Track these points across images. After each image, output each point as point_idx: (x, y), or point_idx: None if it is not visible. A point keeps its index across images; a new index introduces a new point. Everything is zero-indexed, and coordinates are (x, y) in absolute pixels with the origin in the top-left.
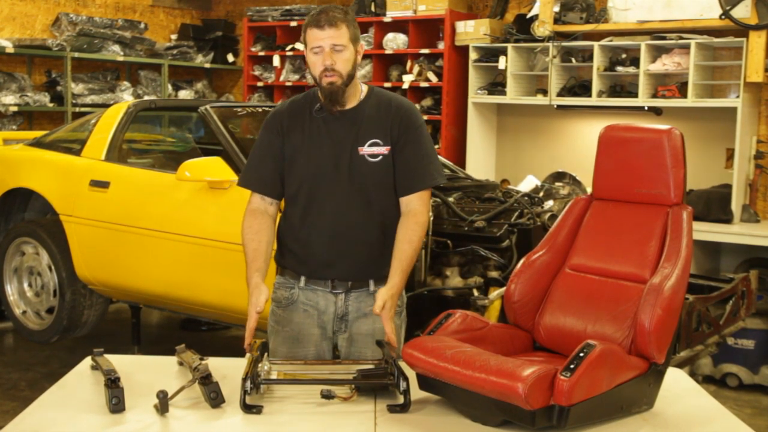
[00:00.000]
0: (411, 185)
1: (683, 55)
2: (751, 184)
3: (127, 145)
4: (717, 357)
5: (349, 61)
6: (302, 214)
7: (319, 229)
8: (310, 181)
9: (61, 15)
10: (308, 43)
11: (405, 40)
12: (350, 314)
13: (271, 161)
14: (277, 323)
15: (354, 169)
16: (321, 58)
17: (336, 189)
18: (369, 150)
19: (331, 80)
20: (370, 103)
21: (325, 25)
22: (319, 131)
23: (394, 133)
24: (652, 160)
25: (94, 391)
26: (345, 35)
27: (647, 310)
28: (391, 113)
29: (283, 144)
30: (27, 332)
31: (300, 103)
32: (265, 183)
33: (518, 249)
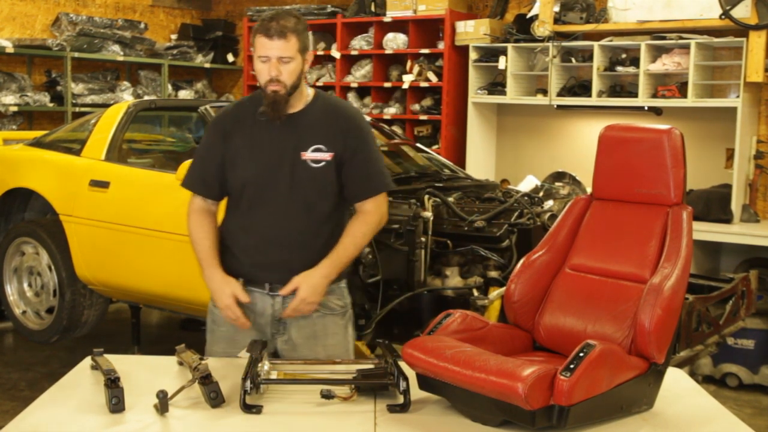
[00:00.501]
0: (364, 192)
1: (683, 55)
2: (751, 184)
3: (127, 145)
4: (717, 357)
5: (294, 72)
6: (242, 217)
7: (259, 233)
8: (251, 184)
9: (61, 15)
10: (256, 50)
11: (405, 40)
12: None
13: (212, 164)
14: (214, 323)
15: (296, 173)
16: (267, 67)
17: (277, 193)
18: (312, 155)
19: (275, 89)
20: (316, 108)
21: (274, 36)
22: (262, 135)
23: (342, 141)
24: (652, 160)
25: (94, 391)
26: (293, 47)
27: (647, 310)
28: (339, 120)
29: (225, 146)
30: (27, 332)
31: (245, 106)
32: (206, 185)
33: (518, 249)
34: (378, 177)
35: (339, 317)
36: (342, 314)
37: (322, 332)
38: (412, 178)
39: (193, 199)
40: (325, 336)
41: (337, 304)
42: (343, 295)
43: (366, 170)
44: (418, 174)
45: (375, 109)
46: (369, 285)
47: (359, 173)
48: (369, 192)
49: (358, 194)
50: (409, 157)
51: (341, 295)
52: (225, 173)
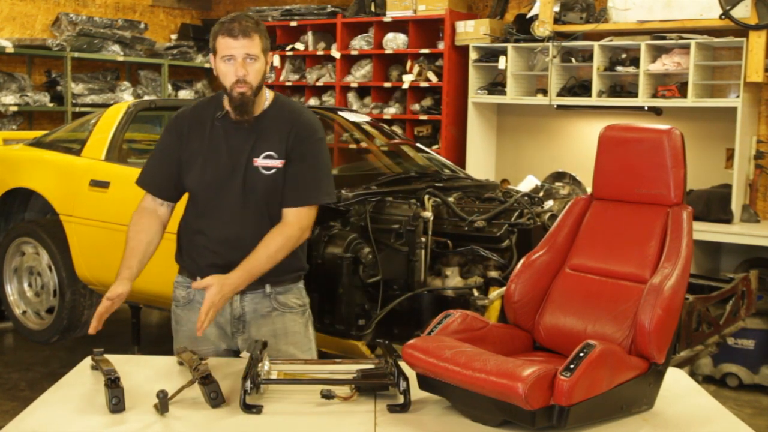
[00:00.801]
0: (289, 200)
1: (683, 55)
2: (751, 184)
3: (127, 145)
4: (717, 357)
5: (260, 72)
6: (197, 219)
7: (212, 236)
8: (206, 188)
9: (61, 15)
10: (219, 52)
11: (405, 40)
12: (247, 315)
13: (167, 164)
14: (177, 322)
15: (248, 180)
16: (233, 68)
17: (230, 198)
18: (263, 162)
19: (242, 91)
20: (271, 113)
21: (239, 35)
22: (218, 139)
23: (288, 146)
24: (652, 160)
25: (94, 391)
26: (258, 46)
27: (647, 310)
28: (292, 127)
29: (181, 148)
30: (27, 332)
31: (204, 108)
32: (158, 185)
33: (518, 249)
34: (308, 189)
35: (298, 316)
36: (301, 313)
37: (282, 330)
38: (412, 178)
39: (144, 197)
40: (285, 334)
41: (296, 302)
42: (301, 295)
43: (299, 179)
44: (418, 174)
45: (375, 109)
46: (369, 285)
47: (292, 180)
48: (294, 201)
49: (285, 201)
50: (409, 157)
51: (299, 294)
52: (181, 175)
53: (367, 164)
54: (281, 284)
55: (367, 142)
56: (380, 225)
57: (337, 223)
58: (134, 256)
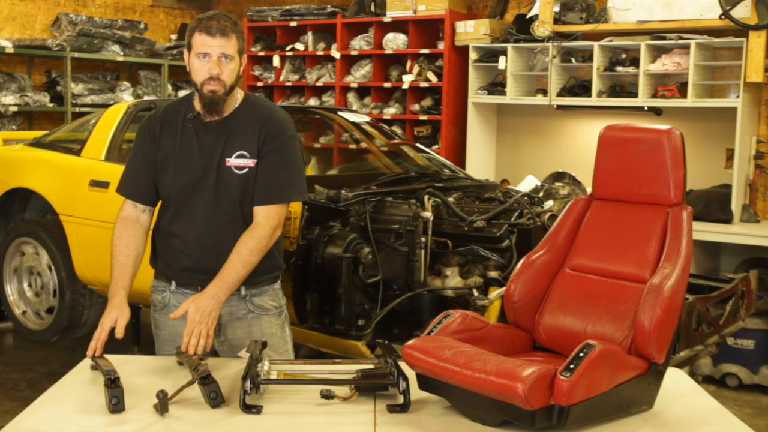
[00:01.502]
0: (262, 197)
1: (683, 55)
2: (751, 184)
3: (127, 145)
4: (717, 357)
5: (234, 72)
6: (171, 221)
7: (186, 238)
8: (179, 190)
9: (61, 15)
10: (194, 48)
11: (405, 40)
12: (223, 317)
13: (144, 168)
14: (156, 327)
15: (221, 180)
16: (207, 65)
17: (203, 200)
18: (235, 162)
19: (214, 89)
20: (242, 113)
21: (216, 34)
22: (190, 140)
23: (260, 144)
24: (652, 160)
25: (94, 391)
26: (234, 46)
27: (647, 310)
28: (263, 125)
29: (155, 150)
30: (27, 332)
31: (174, 109)
32: (139, 190)
33: (518, 249)
34: (279, 187)
35: (274, 317)
36: (277, 314)
37: (258, 332)
38: (412, 178)
39: (123, 206)
40: (261, 336)
41: (272, 304)
42: (277, 296)
43: (269, 177)
44: (418, 174)
45: (375, 109)
46: (369, 285)
47: (262, 179)
48: (264, 199)
49: (256, 200)
50: (409, 157)
51: (275, 296)
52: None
53: (367, 164)
54: (256, 286)
55: (367, 142)
56: (380, 225)
57: (337, 223)
58: (126, 273)
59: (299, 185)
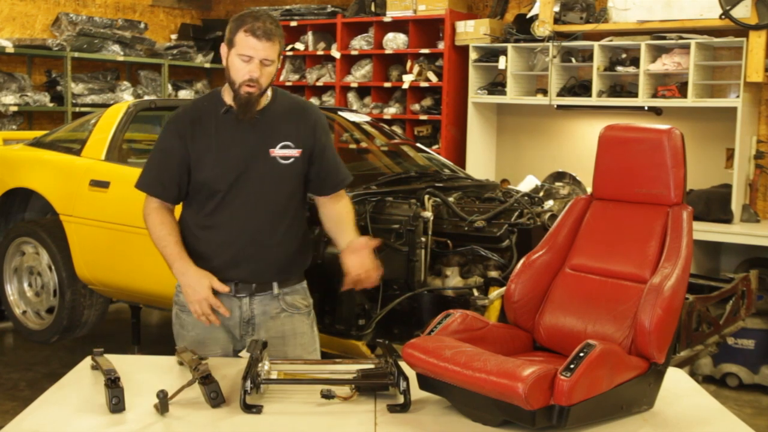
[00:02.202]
0: (337, 183)
1: (683, 55)
2: (751, 184)
3: (127, 145)
4: (717, 357)
5: (272, 76)
6: (208, 217)
7: (227, 230)
8: (220, 183)
9: (61, 15)
10: (237, 47)
11: (405, 40)
12: (256, 318)
13: (170, 166)
14: (182, 327)
15: (265, 171)
16: (248, 67)
17: (246, 191)
18: (281, 152)
19: (251, 91)
20: (279, 105)
21: (262, 38)
22: (227, 134)
23: (312, 137)
24: (652, 160)
25: (94, 391)
26: (276, 50)
27: (647, 310)
28: (305, 117)
29: (185, 148)
30: (27, 332)
31: (204, 106)
32: (164, 187)
33: (518, 249)
34: (344, 169)
35: (305, 316)
36: (307, 313)
37: (291, 332)
38: (412, 178)
39: (148, 201)
40: (293, 335)
41: (303, 303)
42: (306, 295)
43: (336, 164)
44: (418, 174)
45: (375, 109)
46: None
47: (331, 167)
48: (343, 182)
49: (334, 186)
50: (409, 157)
51: (305, 294)
52: (185, 175)
53: (367, 164)
54: (288, 283)
55: (367, 142)
56: (380, 225)
57: None
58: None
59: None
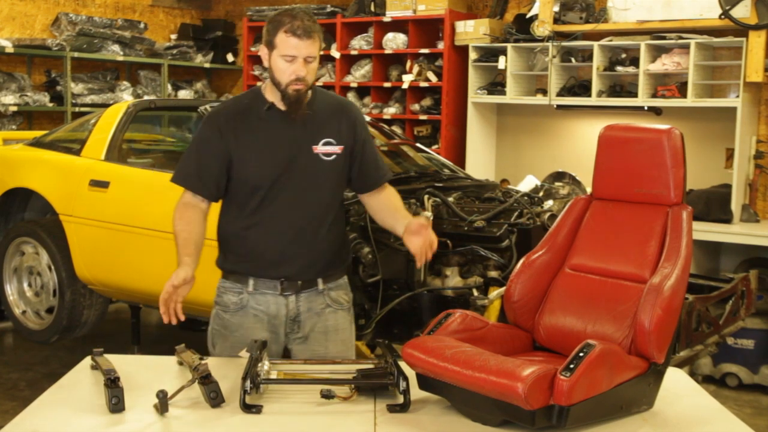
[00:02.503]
0: (378, 179)
1: (683, 55)
2: (751, 184)
3: (127, 144)
4: (717, 357)
5: (315, 70)
6: (252, 215)
7: (272, 227)
8: (265, 180)
9: (61, 15)
10: (279, 48)
11: (405, 39)
12: (302, 315)
13: (209, 162)
14: (225, 328)
15: (308, 167)
16: (293, 67)
17: (290, 188)
18: (323, 149)
19: (299, 88)
20: (320, 102)
21: (303, 36)
22: (271, 130)
23: (353, 133)
24: (652, 160)
25: (94, 391)
26: (317, 46)
27: (647, 309)
28: (344, 113)
29: (226, 145)
30: (27, 332)
31: (245, 104)
32: (200, 182)
33: (518, 249)
34: (384, 165)
35: (347, 312)
36: (348, 309)
37: (333, 328)
38: (412, 178)
39: (183, 195)
40: (335, 331)
41: (345, 299)
42: (348, 290)
43: (375, 160)
44: (418, 174)
45: (375, 109)
46: (369, 285)
47: (372, 162)
48: (384, 178)
49: (375, 182)
50: (409, 157)
51: (347, 290)
52: (224, 172)
53: None
54: (332, 279)
55: None
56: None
57: None
58: (189, 244)
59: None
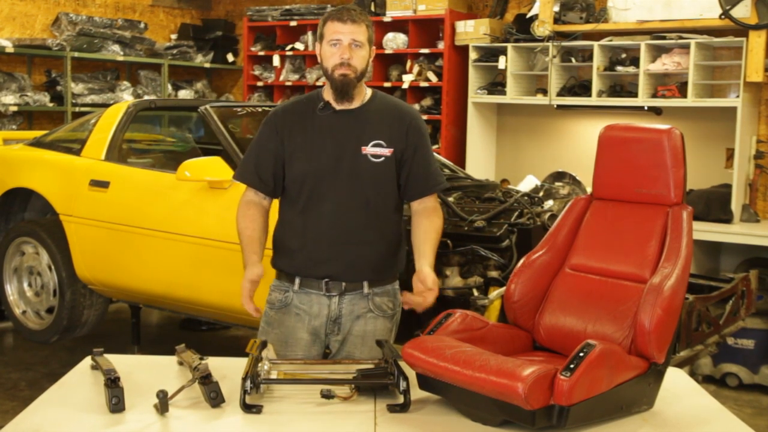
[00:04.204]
0: (426, 188)
1: (683, 54)
2: (751, 183)
3: (127, 145)
4: (717, 357)
5: (364, 59)
6: (302, 211)
7: (318, 225)
8: (312, 178)
9: (61, 15)
10: (326, 36)
11: (405, 39)
12: (344, 317)
13: (267, 158)
14: (268, 324)
15: (356, 167)
16: (339, 50)
17: (336, 187)
18: (372, 150)
19: (345, 72)
20: (375, 105)
21: (347, 21)
22: (322, 129)
23: (405, 138)
24: (652, 160)
25: (94, 391)
26: (364, 33)
27: (647, 309)
28: (400, 118)
29: (282, 143)
30: (27, 332)
31: (303, 103)
32: (260, 179)
33: (518, 249)
34: (437, 175)
35: (388, 320)
36: (391, 317)
37: (371, 333)
38: None
39: (245, 192)
40: (373, 336)
41: (389, 306)
42: (396, 297)
43: (427, 168)
44: None
45: None
46: None
47: (422, 171)
48: (431, 188)
49: (422, 191)
50: None
51: (394, 297)
52: (281, 169)
53: None
54: (380, 284)
55: None
56: None
57: None
58: (254, 242)
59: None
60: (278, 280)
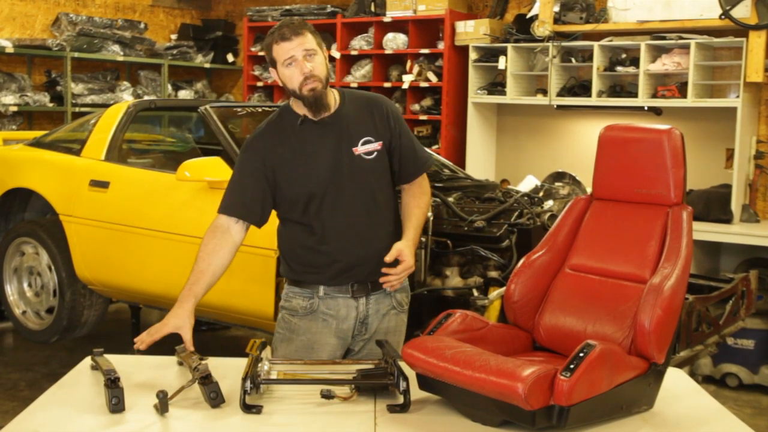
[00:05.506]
0: (416, 170)
1: (683, 55)
2: (751, 184)
3: (127, 145)
4: (717, 357)
5: (323, 64)
6: (313, 225)
7: (339, 239)
8: (315, 191)
9: (61, 15)
10: (278, 59)
11: (405, 40)
12: (371, 316)
13: (252, 186)
14: (291, 332)
15: (355, 170)
16: (298, 67)
17: (343, 193)
18: (363, 149)
19: (313, 86)
20: (350, 104)
21: (292, 36)
22: (310, 142)
23: (386, 127)
24: (652, 160)
25: (94, 391)
26: (312, 40)
27: (647, 310)
28: (378, 108)
29: (270, 167)
30: (27, 332)
31: (277, 123)
32: (246, 208)
33: (518, 249)
34: (423, 152)
35: (404, 315)
36: (406, 312)
37: (393, 329)
38: None
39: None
40: (395, 332)
41: (406, 301)
42: (409, 293)
43: (413, 149)
44: None
45: None
46: None
47: (411, 153)
48: (422, 168)
49: (414, 171)
50: None
51: (408, 292)
52: (269, 196)
53: None
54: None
55: None
56: None
57: None
58: (202, 281)
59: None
60: (298, 287)
